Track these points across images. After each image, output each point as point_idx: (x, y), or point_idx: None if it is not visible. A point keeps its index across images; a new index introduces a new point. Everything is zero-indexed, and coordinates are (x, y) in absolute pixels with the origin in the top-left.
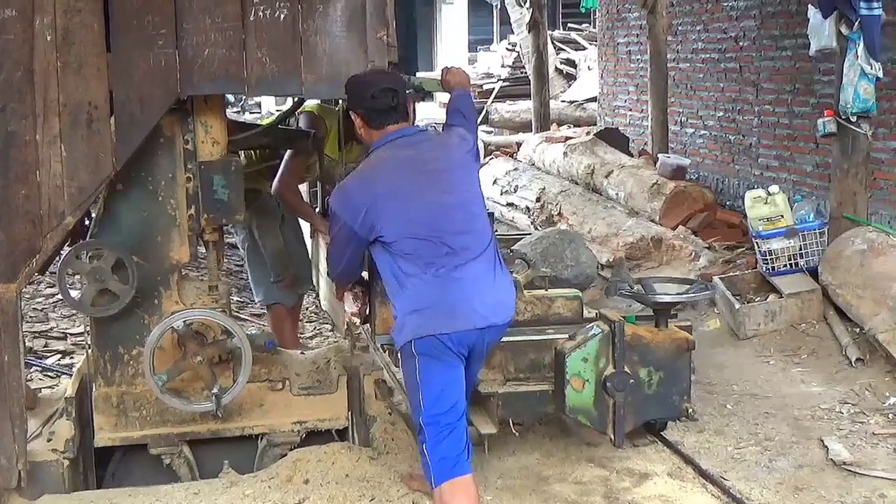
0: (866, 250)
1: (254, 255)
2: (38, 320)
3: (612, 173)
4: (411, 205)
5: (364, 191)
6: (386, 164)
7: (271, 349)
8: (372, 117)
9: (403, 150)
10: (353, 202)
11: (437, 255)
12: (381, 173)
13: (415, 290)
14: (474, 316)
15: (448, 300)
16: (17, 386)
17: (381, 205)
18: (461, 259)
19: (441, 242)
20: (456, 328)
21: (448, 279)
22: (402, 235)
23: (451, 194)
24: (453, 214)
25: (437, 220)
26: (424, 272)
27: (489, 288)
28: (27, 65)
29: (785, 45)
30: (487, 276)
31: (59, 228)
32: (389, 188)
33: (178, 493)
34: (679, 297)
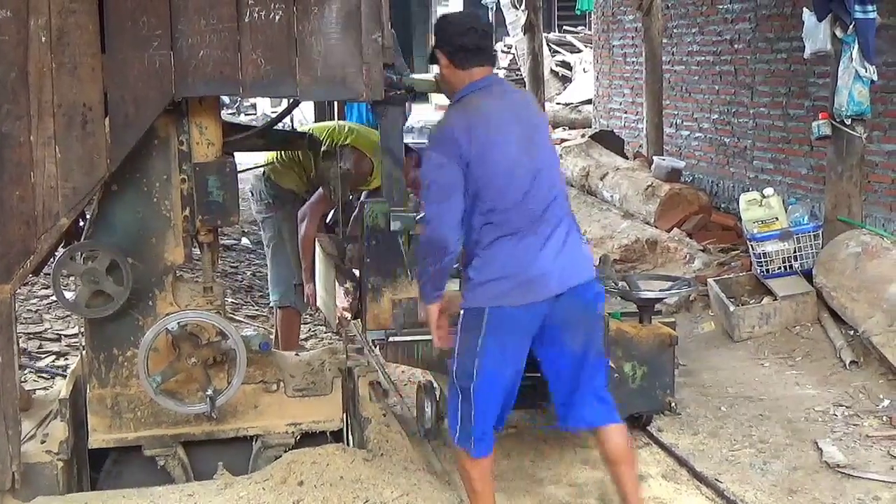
0: (860, 253)
1: (278, 255)
2: (33, 321)
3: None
4: (507, 162)
5: (466, 131)
6: (482, 112)
7: (265, 351)
8: (459, 57)
9: (494, 100)
10: (457, 138)
11: (525, 222)
12: (480, 120)
13: (494, 258)
14: (551, 284)
15: (528, 272)
16: (11, 387)
17: (482, 154)
18: (547, 227)
19: (530, 208)
20: (531, 300)
21: (532, 249)
22: (494, 195)
23: (541, 155)
24: (542, 179)
25: (529, 184)
26: (509, 239)
27: (567, 253)
28: (21, 66)
29: (780, 48)
30: (567, 242)
31: (54, 230)
32: (489, 139)
33: (173, 494)
34: (661, 294)
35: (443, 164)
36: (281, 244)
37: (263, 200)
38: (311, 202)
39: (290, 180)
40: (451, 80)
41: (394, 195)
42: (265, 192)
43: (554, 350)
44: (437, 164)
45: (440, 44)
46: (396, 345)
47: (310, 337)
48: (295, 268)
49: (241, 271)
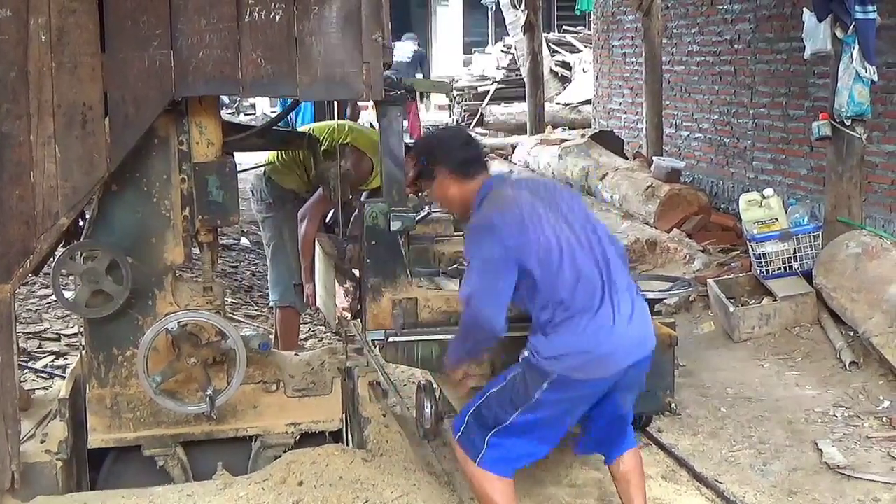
0: (860, 254)
1: (278, 255)
2: (32, 321)
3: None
4: (551, 250)
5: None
6: (514, 199)
7: (265, 351)
8: (464, 169)
9: (515, 189)
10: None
11: (588, 300)
12: (515, 207)
13: (563, 337)
14: (621, 360)
15: (600, 350)
16: (10, 387)
17: (525, 247)
18: (612, 298)
19: (589, 285)
20: (601, 375)
21: (602, 327)
22: (548, 284)
23: (582, 227)
24: (590, 252)
25: (580, 262)
26: (578, 319)
27: (636, 324)
28: (21, 65)
29: (780, 49)
30: (634, 310)
31: (54, 229)
32: (527, 230)
33: (172, 494)
34: (661, 294)
35: (491, 246)
36: (281, 244)
37: (264, 200)
38: (311, 202)
39: (291, 180)
40: (461, 195)
41: (394, 195)
42: (266, 191)
43: (601, 406)
44: (485, 245)
45: (438, 163)
46: (396, 345)
47: (309, 337)
48: (295, 268)
49: (240, 271)
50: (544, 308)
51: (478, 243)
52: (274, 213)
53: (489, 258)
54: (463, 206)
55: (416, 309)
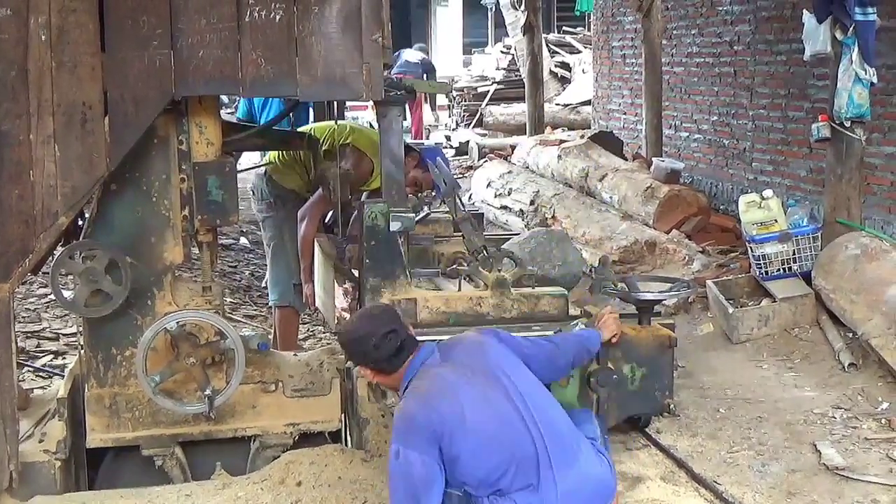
0: (860, 255)
1: (278, 255)
2: (31, 320)
3: (606, 177)
4: (482, 429)
5: (432, 417)
6: (437, 385)
7: (264, 351)
8: (385, 365)
9: (440, 370)
10: (427, 431)
11: (528, 477)
12: (440, 397)
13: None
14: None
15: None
16: (9, 386)
17: (458, 434)
18: (553, 469)
19: (528, 459)
20: None
21: (544, 500)
22: (483, 464)
23: (520, 388)
24: (530, 415)
25: (518, 433)
26: (519, 498)
27: (584, 485)
28: (21, 64)
29: (779, 50)
30: (580, 474)
31: (53, 228)
32: (458, 414)
33: (170, 494)
34: (660, 295)
35: (415, 460)
36: (281, 244)
37: (264, 200)
38: (311, 202)
39: (292, 180)
40: (388, 385)
41: (393, 195)
42: (266, 191)
43: None
44: (407, 462)
45: (359, 363)
46: None
47: (308, 337)
48: (294, 268)
49: (239, 271)
50: (480, 486)
51: (399, 460)
52: (274, 213)
53: (410, 479)
54: (393, 391)
55: (416, 309)
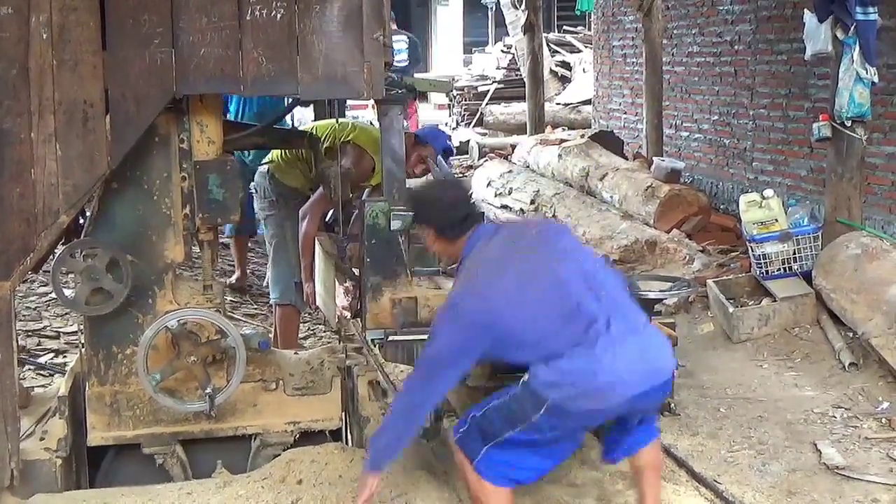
0: (860, 255)
1: (280, 253)
2: (32, 319)
3: (606, 176)
4: (533, 298)
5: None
6: (488, 268)
7: (265, 349)
8: (449, 232)
9: (494, 246)
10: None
11: (579, 336)
12: (490, 280)
13: (560, 367)
14: (623, 389)
15: (598, 380)
16: (10, 384)
17: (505, 317)
18: (612, 330)
19: (587, 318)
20: (599, 406)
21: (600, 358)
22: (531, 336)
23: (580, 262)
24: (574, 289)
25: (564, 298)
26: (577, 351)
27: (642, 354)
28: (23, 62)
29: (780, 49)
30: (640, 342)
31: (54, 227)
32: (506, 295)
33: (171, 492)
34: (661, 294)
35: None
36: (283, 242)
37: (267, 198)
38: (312, 201)
39: (294, 178)
40: (446, 252)
41: (394, 194)
42: (269, 190)
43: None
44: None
45: (424, 222)
46: (396, 344)
47: (309, 336)
48: (296, 266)
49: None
50: (536, 346)
51: (442, 326)
52: (276, 212)
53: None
54: (450, 260)
55: (416, 308)
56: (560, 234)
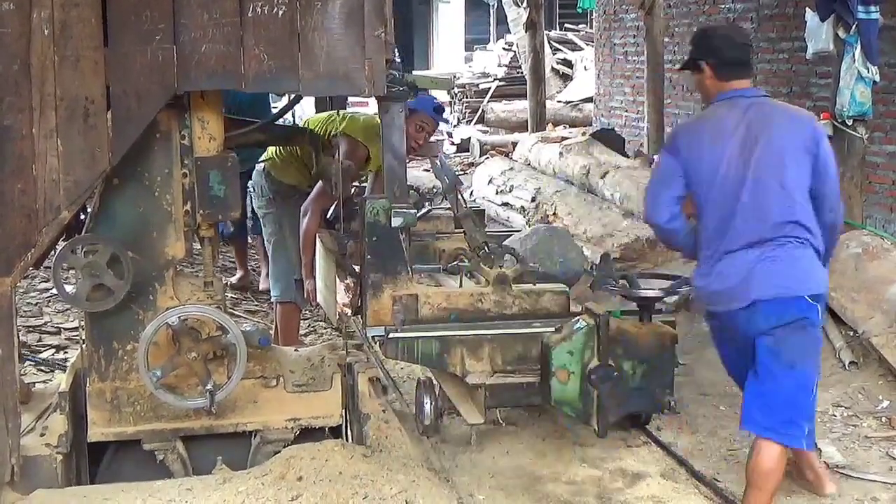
0: (861, 254)
1: (279, 251)
2: (33, 315)
3: (607, 174)
4: (716, 175)
5: (689, 136)
6: (712, 123)
7: (265, 346)
8: (724, 70)
9: (734, 111)
10: (680, 141)
11: (722, 234)
12: (706, 129)
13: (705, 269)
14: (747, 293)
15: (730, 281)
16: (10, 380)
17: (695, 162)
18: (740, 244)
19: (729, 223)
20: (728, 307)
21: (745, 261)
22: (704, 202)
23: (765, 171)
24: (761, 196)
25: (743, 198)
26: (708, 248)
27: (778, 263)
28: (24, 58)
29: (782, 48)
30: (784, 253)
31: (55, 223)
32: (704, 149)
33: (171, 488)
34: (662, 293)
35: (667, 155)
36: (281, 239)
37: (264, 196)
38: (312, 197)
39: (291, 175)
40: (710, 90)
41: (395, 191)
42: (266, 187)
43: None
44: (665, 152)
45: (707, 56)
46: (396, 341)
47: (309, 333)
48: (295, 263)
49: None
50: (705, 228)
51: (665, 147)
52: (274, 209)
53: (663, 165)
54: (706, 101)
55: (417, 305)
56: (794, 131)
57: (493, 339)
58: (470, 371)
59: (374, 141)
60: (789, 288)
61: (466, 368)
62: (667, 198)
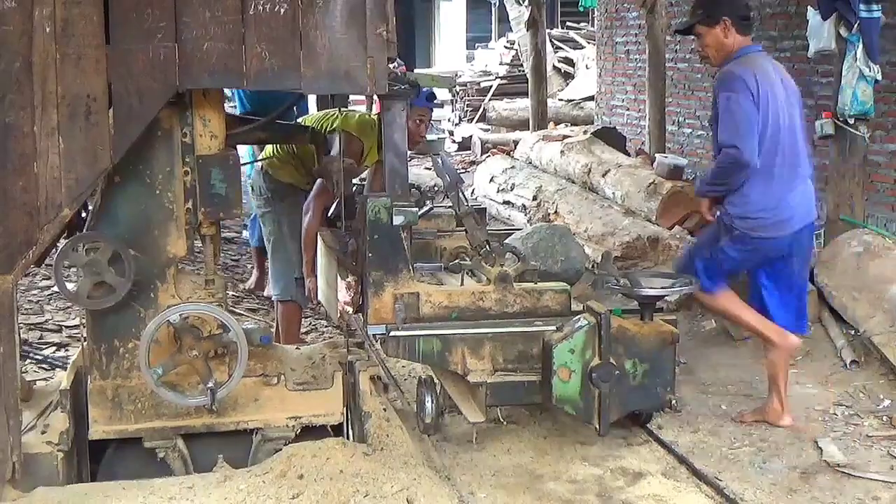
0: (862, 253)
1: (278, 250)
2: (34, 312)
3: (608, 172)
4: (775, 114)
5: (754, 78)
6: (762, 68)
7: (266, 344)
8: (743, 24)
9: (767, 62)
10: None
11: (777, 168)
12: (761, 74)
13: (752, 201)
14: (795, 222)
15: (781, 213)
16: (12, 378)
17: (762, 100)
18: (794, 177)
19: (783, 158)
20: (777, 234)
21: (785, 194)
22: (763, 138)
23: (794, 117)
24: (795, 136)
25: (786, 137)
26: (763, 179)
27: (805, 195)
28: (26, 56)
29: (784, 47)
30: (805, 185)
31: (56, 220)
32: (766, 91)
33: (172, 486)
34: (663, 291)
35: (746, 98)
36: (280, 238)
37: (262, 195)
38: (313, 195)
39: (289, 174)
40: (730, 45)
41: (396, 190)
42: (264, 186)
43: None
44: (742, 97)
45: (728, 12)
46: (397, 339)
47: (311, 330)
48: (295, 261)
49: (241, 264)
50: (772, 165)
51: (735, 93)
52: (273, 208)
53: (746, 109)
54: (723, 56)
55: (418, 304)
56: (794, 87)
57: (494, 337)
58: (471, 369)
59: (368, 135)
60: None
61: (467, 367)
62: (755, 141)
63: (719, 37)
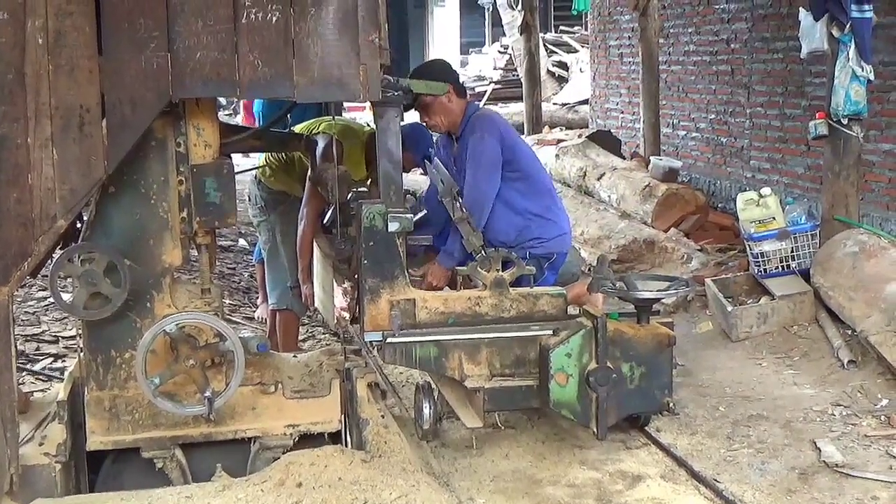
0: (858, 252)
1: (274, 259)
2: (30, 323)
3: (604, 176)
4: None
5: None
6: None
7: (263, 352)
8: (462, 90)
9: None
10: (501, 131)
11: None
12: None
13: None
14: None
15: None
16: (8, 389)
17: (515, 145)
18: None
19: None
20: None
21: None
22: (539, 173)
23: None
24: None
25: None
26: (557, 207)
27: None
28: (19, 67)
29: (776, 48)
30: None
31: (51, 231)
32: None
33: (171, 496)
34: (659, 294)
35: (494, 146)
36: (275, 247)
37: (257, 204)
38: (305, 201)
39: (281, 182)
40: (457, 109)
41: (391, 196)
42: (259, 195)
43: None
44: (484, 144)
45: (450, 80)
46: (394, 346)
47: (308, 338)
48: (291, 270)
49: (238, 273)
50: (540, 195)
51: (485, 139)
52: (267, 217)
53: (494, 159)
54: (454, 122)
55: (415, 310)
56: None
57: (490, 342)
58: (468, 375)
59: (348, 137)
60: None
61: (465, 372)
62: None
63: (451, 105)
